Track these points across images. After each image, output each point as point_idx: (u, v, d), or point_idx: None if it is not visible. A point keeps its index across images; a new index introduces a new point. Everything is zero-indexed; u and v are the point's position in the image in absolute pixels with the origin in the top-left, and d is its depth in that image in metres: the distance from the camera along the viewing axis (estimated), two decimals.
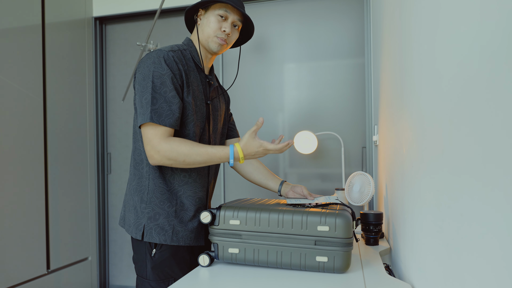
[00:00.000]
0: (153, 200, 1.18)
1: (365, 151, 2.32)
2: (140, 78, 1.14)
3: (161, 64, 1.13)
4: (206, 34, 1.24)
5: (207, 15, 1.24)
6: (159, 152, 1.10)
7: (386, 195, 1.48)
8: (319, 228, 0.99)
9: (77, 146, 2.55)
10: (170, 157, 1.10)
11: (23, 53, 2.12)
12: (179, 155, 1.10)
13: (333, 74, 2.38)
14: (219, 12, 1.23)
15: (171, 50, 1.17)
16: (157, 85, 1.11)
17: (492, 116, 0.45)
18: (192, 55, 1.25)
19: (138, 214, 1.19)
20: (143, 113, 1.11)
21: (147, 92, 1.11)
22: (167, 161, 1.11)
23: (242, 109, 2.51)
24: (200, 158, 1.12)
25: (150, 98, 1.10)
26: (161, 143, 1.10)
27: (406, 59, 1.01)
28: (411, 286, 0.93)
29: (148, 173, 1.19)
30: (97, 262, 2.73)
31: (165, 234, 1.17)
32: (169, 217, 1.18)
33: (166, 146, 1.10)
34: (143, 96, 1.12)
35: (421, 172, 0.82)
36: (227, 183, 2.55)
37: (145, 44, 2.44)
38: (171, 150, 1.10)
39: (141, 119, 1.11)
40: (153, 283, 1.17)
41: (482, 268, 0.49)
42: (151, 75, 1.12)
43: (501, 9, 0.43)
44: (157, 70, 1.12)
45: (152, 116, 1.10)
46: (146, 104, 1.11)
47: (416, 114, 0.88)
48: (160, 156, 1.10)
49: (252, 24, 1.32)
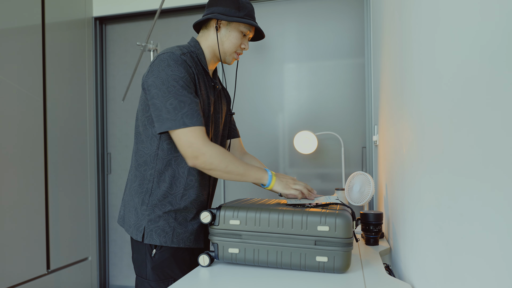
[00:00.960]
0: (155, 203, 1.17)
1: (365, 151, 2.32)
2: (158, 82, 1.11)
3: (178, 67, 1.11)
4: (226, 48, 1.25)
5: (230, 27, 1.23)
6: (204, 154, 1.09)
7: (386, 195, 1.48)
8: (319, 228, 0.99)
9: (77, 146, 2.55)
10: (213, 161, 1.09)
11: (23, 53, 2.12)
12: (224, 160, 1.10)
13: (333, 74, 2.38)
14: (243, 29, 1.24)
15: (183, 54, 1.15)
16: (179, 89, 1.10)
17: (492, 116, 0.45)
18: (199, 58, 1.23)
19: (139, 215, 1.18)
20: (173, 119, 1.08)
21: (170, 97, 1.09)
22: (209, 165, 1.10)
23: (242, 109, 2.51)
24: (241, 168, 1.13)
25: (176, 103, 1.09)
26: (206, 145, 1.09)
27: (406, 59, 1.01)
28: (411, 286, 0.93)
29: (153, 176, 1.18)
30: (97, 262, 2.73)
31: (165, 236, 1.17)
32: (169, 219, 1.18)
33: (212, 149, 1.10)
34: (167, 101, 1.09)
35: (421, 172, 0.82)
36: (227, 183, 2.55)
37: (145, 44, 2.44)
38: (217, 154, 1.10)
39: (171, 124, 1.09)
40: (153, 283, 1.17)
41: (482, 268, 0.49)
42: (171, 78, 1.10)
43: (501, 9, 0.43)
44: (175, 73, 1.10)
45: (184, 121, 1.08)
46: (173, 110, 1.08)
47: (416, 114, 0.88)
48: (204, 159, 1.09)
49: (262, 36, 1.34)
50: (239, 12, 1.22)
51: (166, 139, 1.17)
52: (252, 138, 2.50)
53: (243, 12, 1.23)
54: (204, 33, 1.27)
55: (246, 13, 1.23)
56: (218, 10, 1.22)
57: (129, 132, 2.76)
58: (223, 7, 1.22)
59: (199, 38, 1.28)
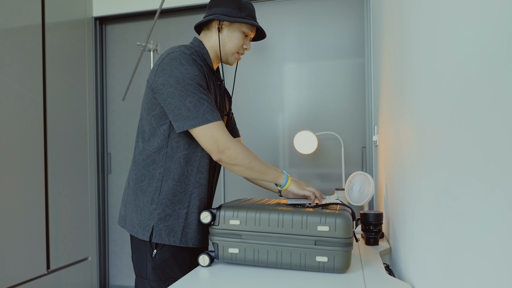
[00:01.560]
0: (165, 201, 1.17)
1: (365, 151, 2.32)
2: (172, 81, 1.10)
3: (191, 66, 1.12)
4: (228, 48, 1.25)
5: (232, 28, 1.24)
6: (230, 148, 1.12)
7: (386, 195, 1.48)
8: (319, 228, 0.99)
9: (77, 146, 2.55)
10: (238, 155, 1.13)
11: (23, 53, 2.12)
12: (247, 156, 1.14)
13: (333, 74, 2.38)
14: (245, 30, 1.25)
15: (191, 53, 1.16)
16: (196, 87, 1.11)
17: (492, 116, 0.45)
18: (205, 57, 1.24)
19: (146, 215, 1.18)
20: (195, 117, 1.10)
21: (187, 95, 1.10)
22: (234, 159, 1.13)
23: (242, 109, 2.51)
24: (262, 165, 1.17)
25: (195, 100, 1.10)
26: (231, 140, 1.13)
27: (406, 59, 1.01)
28: (411, 286, 0.93)
29: (162, 175, 1.18)
30: (97, 262, 2.73)
31: (174, 235, 1.17)
32: (179, 218, 1.18)
33: (237, 144, 1.13)
34: (185, 99, 1.10)
35: (421, 172, 0.82)
36: (227, 183, 2.55)
37: (145, 44, 2.44)
38: (242, 150, 1.14)
39: (194, 122, 1.10)
40: (153, 284, 1.17)
41: (482, 268, 0.49)
42: (186, 77, 1.10)
43: (501, 9, 0.43)
44: (189, 72, 1.11)
45: (207, 117, 1.10)
46: (193, 108, 1.09)
47: (416, 114, 0.88)
48: (230, 153, 1.12)
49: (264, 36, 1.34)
50: (241, 12, 1.22)
51: (175, 137, 1.17)
52: (252, 138, 2.50)
53: (245, 13, 1.23)
54: (206, 34, 1.27)
55: (248, 13, 1.24)
56: (220, 11, 1.22)
57: (129, 132, 2.76)
58: (225, 8, 1.21)
59: (201, 38, 1.28)
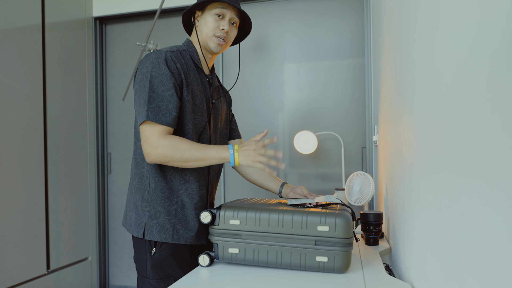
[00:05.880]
0: (154, 198, 1.19)
1: (365, 151, 2.32)
2: (138, 78, 1.16)
3: (160, 64, 1.14)
4: (205, 34, 1.25)
5: (204, 15, 1.25)
6: (157, 148, 1.09)
7: (386, 195, 1.48)
8: (319, 228, 0.99)
9: (77, 146, 2.55)
10: (167, 153, 1.09)
11: (23, 53, 2.12)
12: (177, 150, 1.09)
13: (333, 74, 2.38)
14: (216, 11, 1.24)
15: (170, 51, 1.19)
16: (155, 85, 1.12)
17: (492, 116, 0.45)
18: (192, 56, 1.26)
19: (139, 212, 1.20)
20: (141, 112, 1.12)
21: (144, 91, 1.13)
22: (164, 158, 1.10)
23: (242, 109, 2.51)
24: (197, 153, 1.09)
25: (147, 97, 1.12)
26: (160, 139, 1.10)
27: (406, 59, 1.01)
28: (411, 286, 0.93)
29: (149, 172, 1.20)
30: (97, 262, 2.73)
31: (165, 232, 1.17)
32: (169, 215, 1.19)
33: (164, 142, 1.10)
34: (140, 95, 1.13)
35: (421, 172, 0.82)
36: (227, 183, 2.55)
37: (145, 44, 2.44)
38: (170, 146, 1.09)
39: (139, 118, 1.13)
40: (153, 282, 1.17)
41: (482, 268, 0.49)
42: (149, 75, 1.13)
43: (501, 9, 0.43)
44: (155, 70, 1.13)
45: (148, 114, 1.10)
46: (143, 103, 1.12)
47: (416, 114, 0.88)
48: (157, 153, 1.09)
49: (249, 20, 1.32)
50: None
51: None
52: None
53: None
54: (193, 33, 1.31)
55: None
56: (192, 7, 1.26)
57: (129, 132, 2.76)
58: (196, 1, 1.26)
59: (191, 38, 1.32)
